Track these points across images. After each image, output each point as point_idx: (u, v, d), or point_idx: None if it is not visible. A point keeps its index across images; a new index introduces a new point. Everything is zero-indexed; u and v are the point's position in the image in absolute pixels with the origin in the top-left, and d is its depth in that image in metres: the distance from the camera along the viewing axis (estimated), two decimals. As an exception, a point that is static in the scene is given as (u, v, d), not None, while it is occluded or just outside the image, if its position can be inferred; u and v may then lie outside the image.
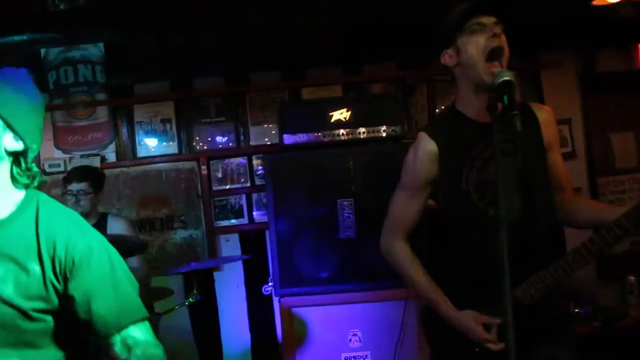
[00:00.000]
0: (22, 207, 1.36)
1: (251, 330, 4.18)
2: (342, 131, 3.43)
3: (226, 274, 4.16)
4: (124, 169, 4.12)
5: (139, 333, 1.36)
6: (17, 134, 1.34)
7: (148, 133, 4.17)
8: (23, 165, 1.36)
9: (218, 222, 4.14)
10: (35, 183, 1.40)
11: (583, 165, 4.41)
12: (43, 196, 1.42)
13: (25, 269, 1.28)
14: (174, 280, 3.89)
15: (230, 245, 4.17)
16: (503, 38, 1.82)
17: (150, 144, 4.17)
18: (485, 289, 1.67)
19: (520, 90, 4.35)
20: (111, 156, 4.16)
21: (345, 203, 3.37)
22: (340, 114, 3.45)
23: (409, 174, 1.96)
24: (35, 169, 1.40)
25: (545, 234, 1.83)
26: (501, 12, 1.84)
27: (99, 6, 3.46)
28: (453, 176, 1.85)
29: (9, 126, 1.32)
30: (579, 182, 4.34)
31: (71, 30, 3.77)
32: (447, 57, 1.89)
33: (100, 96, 4.09)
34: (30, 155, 1.38)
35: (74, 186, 3.30)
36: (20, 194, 1.38)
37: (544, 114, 1.96)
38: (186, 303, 2.98)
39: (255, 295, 4.15)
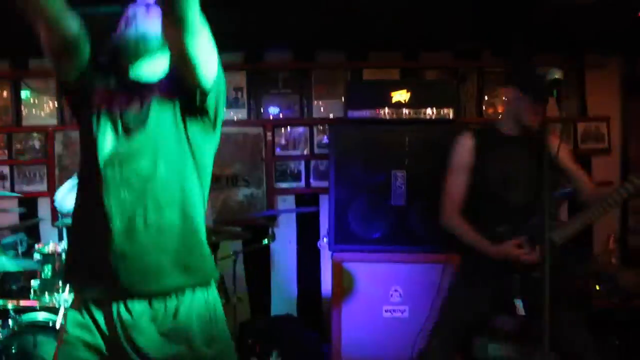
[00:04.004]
0: None
1: (298, 283, 4.65)
2: (400, 110, 3.84)
3: (280, 231, 4.60)
4: (198, 130, 4.58)
5: None
6: None
7: (221, 99, 4.62)
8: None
9: (278, 183, 4.60)
10: None
11: (617, 161, 4.70)
12: None
13: None
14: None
15: (286, 205, 4.62)
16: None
17: (222, 109, 4.62)
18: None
19: (564, 87, 4.69)
20: (186, 118, 4.62)
21: (398, 174, 3.80)
22: (400, 95, 3.85)
23: (455, 159, 2.65)
24: None
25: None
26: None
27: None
28: (483, 164, 2.56)
29: None
30: (611, 177, 4.64)
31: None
32: (509, 93, 2.56)
33: (182, 63, 4.56)
34: None
35: None
36: None
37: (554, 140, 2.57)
38: (264, 242, 3.45)
39: (306, 252, 4.62)
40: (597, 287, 3.54)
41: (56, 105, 4.64)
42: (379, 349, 3.78)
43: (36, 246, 3.02)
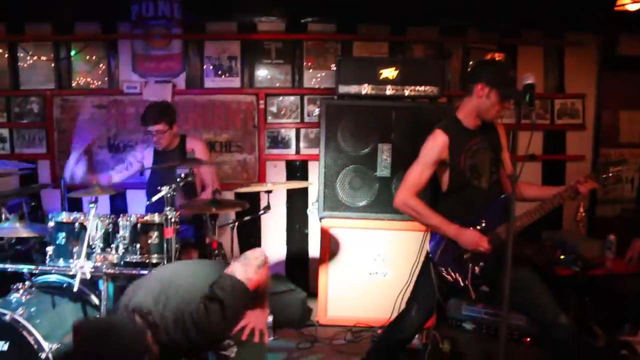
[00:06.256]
0: None
1: (287, 244, 4.93)
2: (388, 87, 4.05)
3: (271, 196, 4.83)
4: (192, 97, 4.75)
5: None
6: None
7: (215, 67, 4.77)
8: None
9: (269, 150, 4.81)
10: None
11: (590, 136, 4.96)
12: None
13: None
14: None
15: (277, 171, 4.85)
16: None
17: (216, 77, 4.78)
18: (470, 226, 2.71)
19: (543, 63, 4.90)
20: (181, 84, 4.77)
21: (385, 147, 4.04)
22: (388, 72, 4.05)
23: (427, 154, 2.74)
24: None
25: (500, 194, 2.78)
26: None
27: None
28: (456, 160, 2.71)
29: None
30: (584, 151, 4.95)
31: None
32: (479, 89, 2.65)
33: (176, 30, 4.69)
34: None
35: (152, 127, 3.81)
36: None
37: (500, 128, 2.87)
38: (260, 212, 3.70)
39: (294, 216, 4.89)
40: (562, 257, 3.85)
41: (53, 70, 4.74)
42: (362, 307, 4.10)
43: (49, 215, 3.19)
